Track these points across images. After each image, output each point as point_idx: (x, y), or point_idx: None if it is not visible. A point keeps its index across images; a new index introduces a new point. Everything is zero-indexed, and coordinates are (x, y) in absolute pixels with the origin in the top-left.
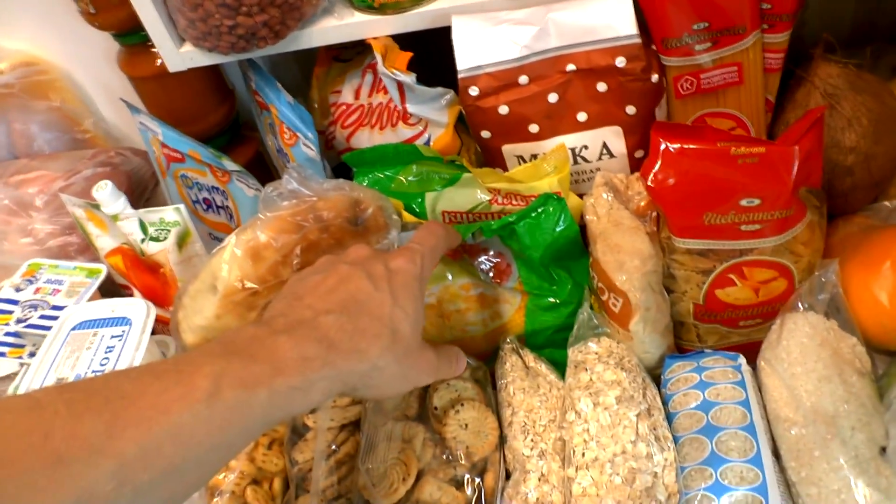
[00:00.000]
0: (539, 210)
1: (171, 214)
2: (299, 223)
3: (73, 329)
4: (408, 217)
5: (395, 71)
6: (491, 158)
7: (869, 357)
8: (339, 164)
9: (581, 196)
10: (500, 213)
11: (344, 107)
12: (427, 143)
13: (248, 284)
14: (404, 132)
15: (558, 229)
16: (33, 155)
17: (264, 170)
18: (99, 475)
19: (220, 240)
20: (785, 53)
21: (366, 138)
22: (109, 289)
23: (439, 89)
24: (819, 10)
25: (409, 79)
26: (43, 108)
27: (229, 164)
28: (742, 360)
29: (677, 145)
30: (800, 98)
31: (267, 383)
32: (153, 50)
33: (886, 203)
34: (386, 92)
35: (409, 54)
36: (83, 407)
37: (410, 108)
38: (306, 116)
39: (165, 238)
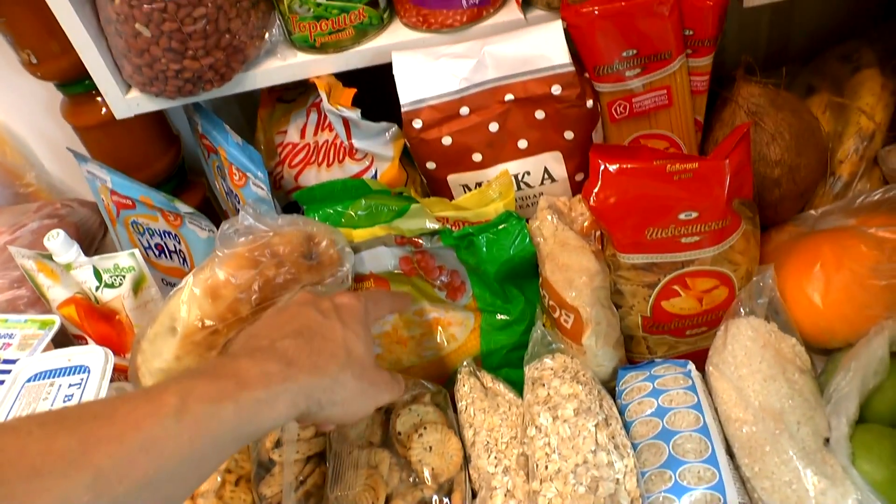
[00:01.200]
0: (500, 226)
1: (126, 260)
2: (256, 258)
3: (28, 381)
4: (360, 234)
5: (340, 107)
6: (437, 188)
7: (808, 356)
8: (289, 203)
9: (526, 220)
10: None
11: (290, 146)
12: (374, 176)
13: (208, 323)
14: (351, 167)
15: (515, 247)
16: None
17: (212, 214)
18: (75, 486)
19: (174, 285)
20: (709, 76)
21: (313, 176)
22: (62, 341)
23: (384, 124)
24: (736, 36)
25: (354, 114)
26: None
27: (182, 207)
28: (691, 366)
29: (616, 166)
30: (726, 117)
31: (232, 396)
32: (98, 98)
33: (812, 212)
34: (331, 129)
35: (353, 91)
36: (57, 427)
37: (356, 143)
38: (255, 156)
39: (121, 284)
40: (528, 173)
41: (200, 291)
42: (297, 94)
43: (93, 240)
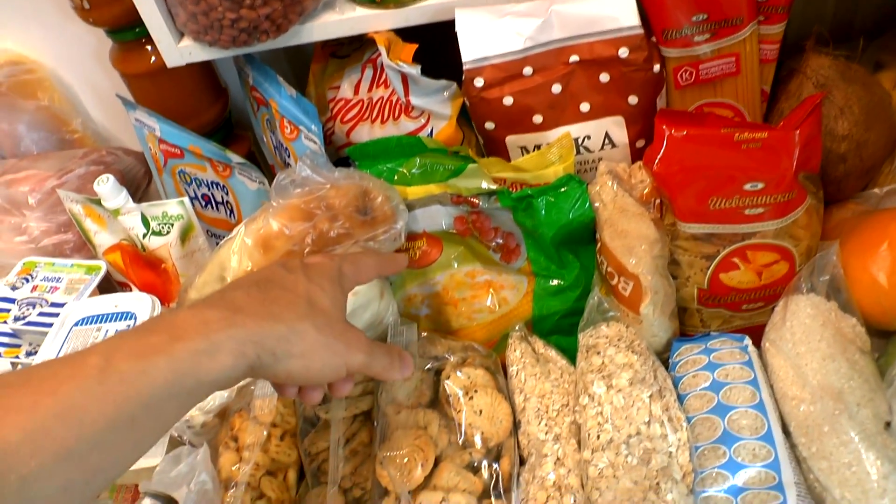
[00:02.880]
0: (560, 189)
1: (175, 208)
2: (311, 210)
3: (76, 325)
4: (414, 192)
5: (400, 63)
6: (494, 149)
7: (867, 337)
8: (339, 159)
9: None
10: None
11: (343, 102)
12: (430, 135)
13: None
14: (406, 125)
15: (574, 211)
16: (21, 155)
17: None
18: None
19: (219, 237)
20: (780, 44)
21: (366, 133)
22: (107, 287)
23: (443, 81)
24: (802, 7)
25: (414, 70)
26: (30, 108)
27: (233, 157)
28: (748, 340)
29: (682, 132)
30: (793, 88)
31: (164, 350)
32: (147, 46)
33: (876, 190)
34: (387, 86)
35: (415, 46)
36: None
37: (414, 100)
38: (310, 108)
39: (168, 232)
40: (589, 137)
41: (252, 241)
42: (352, 49)
43: (137, 188)
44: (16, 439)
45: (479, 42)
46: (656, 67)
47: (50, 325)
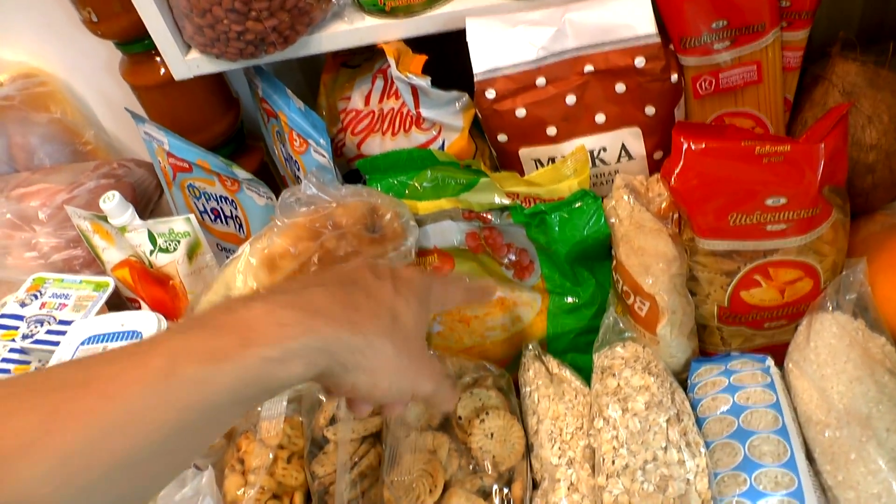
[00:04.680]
0: (574, 205)
1: (181, 225)
2: (317, 230)
3: (82, 344)
4: (425, 207)
5: (409, 75)
6: (507, 162)
7: None
8: (350, 171)
9: (601, 199)
10: None
11: (353, 113)
12: (441, 147)
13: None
14: (417, 137)
15: (589, 227)
16: (34, 168)
17: (270, 180)
18: (32, 475)
19: (229, 251)
20: (803, 51)
21: (377, 144)
22: (116, 303)
23: (454, 93)
24: (827, 10)
25: (424, 83)
26: (43, 121)
27: (240, 173)
28: (770, 361)
29: (700, 145)
30: (817, 96)
31: (234, 355)
32: (157, 58)
33: None
34: (398, 97)
35: (424, 58)
36: (19, 401)
37: (424, 112)
38: (319, 122)
39: (175, 249)
40: (605, 149)
41: (257, 261)
42: (363, 59)
43: (149, 201)
44: (78, 448)
45: (490, 52)
46: (674, 77)
47: (57, 343)
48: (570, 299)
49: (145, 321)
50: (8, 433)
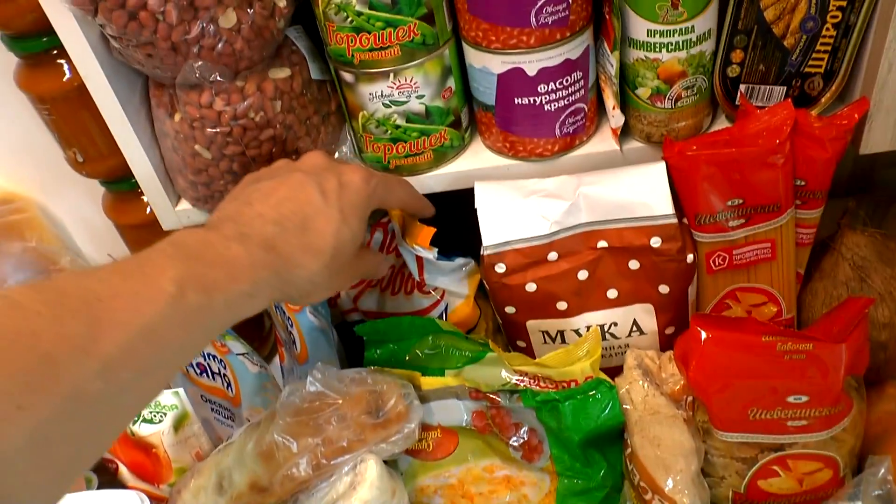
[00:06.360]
0: (589, 393)
1: (169, 398)
2: (321, 426)
3: None
4: (429, 383)
5: (416, 247)
6: (514, 332)
7: None
8: (342, 322)
9: (607, 372)
10: None
11: None
12: (444, 311)
13: (261, 486)
14: (420, 301)
15: (604, 416)
16: None
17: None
18: (87, 374)
19: (214, 402)
20: (817, 228)
21: (374, 301)
22: None
23: (460, 260)
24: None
25: (430, 255)
26: (17, 251)
27: (232, 345)
28: None
29: (720, 339)
30: (827, 268)
31: (223, 288)
32: (143, 198)
33: None
34: (398, 255)
35: (432, 230)
36: (62, 309)
37: (429, 279)
38: None
39: (161, 421)
40: (616, 324)
41: (254, 455)
42: None
43: None
44: (114, 354)
45: (501, 224)
46: (690, 257)
47: None
48: (580, 482)
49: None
50: (64, 339)
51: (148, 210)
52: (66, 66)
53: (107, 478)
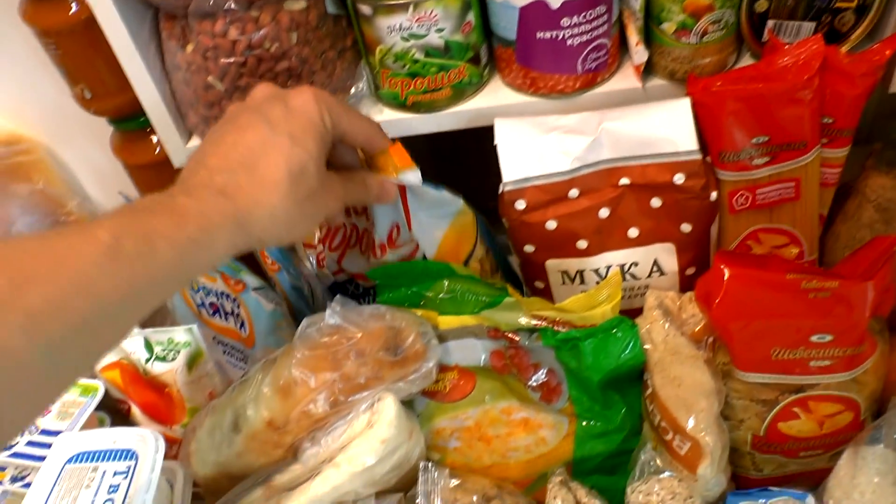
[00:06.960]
0: (611, 331)
1: (182, 335)
2: (339, 360)
3: (69, 462)
4: (447, 322)
5: (398, 175)
6: (532, 273)
7: None
8: (333, 283)
9: (627, 314)
10: None
11: (324, 227)
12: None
13: (277, 424)
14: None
15: (625, 355)
16: None
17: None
18: (8, 330)
19: (226, 345)
20: (842, 168)
21: (356, 261)
22: (104, 402)
23: (445, 193)
24: None
25: (415, 175)
26: (24, 192)
27: (249, 280)
28: (811, 499)
29: (744, 277)
30: (850, 210)
31: (167, 236)
32: (152, 137)
33: None
34: (368, 217)
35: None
36: None
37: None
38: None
39: (174, 359)
40: (636, 264)
41: (271, 391)
42: None
43: None
44: (39, 307)
45: (521, 161)
46: (713, 195)
47: (38, 457)
48: (599, 423)
49: (142, 443)
50: None
51: (157, 150)
52: None
53: (119, 419)
